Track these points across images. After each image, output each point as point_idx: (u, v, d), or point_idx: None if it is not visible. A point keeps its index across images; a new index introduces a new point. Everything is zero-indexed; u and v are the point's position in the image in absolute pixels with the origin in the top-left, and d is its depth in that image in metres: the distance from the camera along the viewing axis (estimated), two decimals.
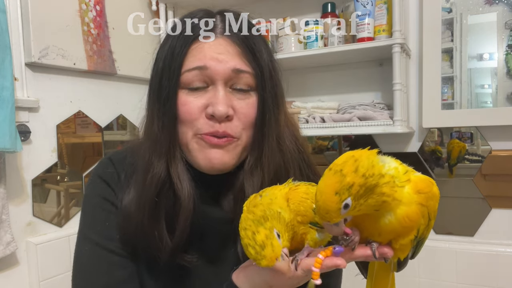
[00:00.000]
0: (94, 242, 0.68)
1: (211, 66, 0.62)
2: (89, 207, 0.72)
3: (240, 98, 0.65)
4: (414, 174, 0.49)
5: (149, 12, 1.72)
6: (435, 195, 0.49)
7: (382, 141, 1.57)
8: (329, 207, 0.44)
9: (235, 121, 0.64)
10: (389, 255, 0.49)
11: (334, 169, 0.44)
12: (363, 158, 0.44)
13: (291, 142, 0.71)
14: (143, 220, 0.65)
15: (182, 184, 0.65)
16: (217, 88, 0.63)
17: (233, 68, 0.63)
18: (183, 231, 0.65)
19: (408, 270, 1.51)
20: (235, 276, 0.59)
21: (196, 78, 0.63)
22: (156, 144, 0.66)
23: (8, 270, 1.20)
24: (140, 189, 0.66)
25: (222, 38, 0.65)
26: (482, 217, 1.42)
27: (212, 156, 0.64)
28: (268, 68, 0.67)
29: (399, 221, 0.47)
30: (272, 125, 0.66)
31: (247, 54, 0.65)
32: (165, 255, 0.65)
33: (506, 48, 1.37)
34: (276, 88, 0.68)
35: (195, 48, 0.64)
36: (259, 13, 1.72)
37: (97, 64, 1.47)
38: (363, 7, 1.39)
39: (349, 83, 1.64)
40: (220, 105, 0.62)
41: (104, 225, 0.69)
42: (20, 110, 1.22)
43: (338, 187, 0.43)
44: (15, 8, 1.22)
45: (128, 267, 0.69)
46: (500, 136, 1.38)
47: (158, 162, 0.65)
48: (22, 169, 1.25)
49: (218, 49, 0.63)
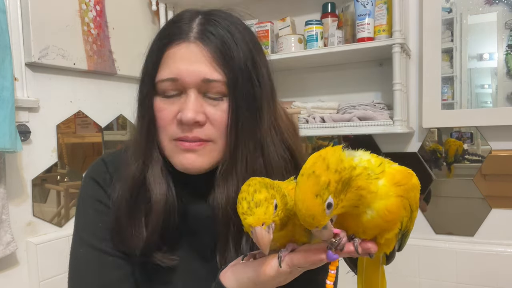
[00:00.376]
0: (88, 244, 0.69)
1: (181, 77, 0.63)
2: (82, 209, 0.73)
3: (212, 104, 0.65)
4: (390, 166, 0.49)
5: (149, 12, 1.72)
6: (415, 186, 0.49)
7: (382, 141, 1.57)
8: (314, 211, 0.43)
9: (208, 127, 0.65)
10: (372, 250, 0.48)
11: (306, 173, 0.44)
12: (330, 155, 0.44)
13: (277, 147, 0.69)
14: (121, 217, 0.67)
15: (155, 186, 0.67)
16: (189, 95, 0.64)
17: (203, 78, 0.63)
18: (153, 231, 0.66)
19: (408, 270, 1.52)
20: (222, 275, 0.59)
21: (170, 88, 0.65)
22: (135, 146, 0.70)
23: (8, 270, 1.20)
24: (120, 187, 0.69)
25: (195, 43, 0.63)
26: (482, 217, 1.42)
27: (184, 160, 0.65)
28: (245, 72, 0.65)
29: (380, 215, 0.46)
30: (247, 131, 0.65)
31: (219, 61, 0.63)
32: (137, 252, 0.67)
33: (506, 48, 1.37)
34: (257, 92, 0.66)
35: (168, 55, 0.65)
36: (259, 13, 1.72)
37: (97, 64, 1.47)
38: (363, 7, 1.39)
39: (349, 83, 1.64)
40: (187, 111, 0.62)
41: (97, 226, 0.70)
42: (20, 110, 1.22)
43: (317, 189, 0.42)
44: (15, 8, 1.22)
45: (123, 267, 0.69)
46: (500, 136, 1.38)
47: (135, 163, 0.68)
48: (22, 169, 1.25)
49: (189, 57, 0.63)
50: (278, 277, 0.53)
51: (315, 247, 0.50)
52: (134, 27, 1.64)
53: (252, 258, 0.58)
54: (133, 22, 1.63)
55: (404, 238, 0.54)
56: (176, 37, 0.65)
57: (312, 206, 0.43)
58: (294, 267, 0.51)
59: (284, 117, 0.75)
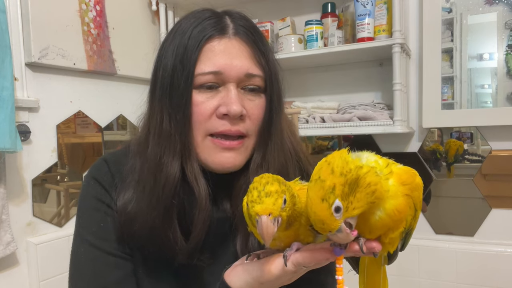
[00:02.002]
0: (89, 243, 0.69)
1: (225, 71, 0.63)
2: (84, 209, 0.72)
3: (250, 99, 0.66)
4: (395, 166, 0.49)
5: (149, 12, 1.72)
6: (418, 185, 0.50)
7: (382, 141, 1.57)
8: (322, 216, 0.43)
9: (248, 122, 0.65)
10: (377, 249, 0.48)
11: (313, 179, 0.45)
12: (336, 158, 0.45)
13: (290, 142, 0.72)
14: (155, 222, 0.64)
15: (199, 184, 0.65)
16: (229, 88, 0.64)
17: (246, 73, 0.64)
18: (201, 231, 0.65)
19: (408, 270, 1.52)
20: (227, 275, 0.59)
21: (209, 80, 0.64)
22: (169, 142, 0.64)
23: (8, 270, 1.20)
24: (149, 189, 0.65)
25: (235, 39, 0.65)
26: (482, 217, 1.42)
27: (224, 160, 0.65)
28: (275, 69, 0.69)
29: (389, 215, 0.47)
30: (277, 125, 0.68)
31: (258, 57, 0.66)
32: (183, 256, 0.65)
33: (506, 48, 1.37)
34: (280, 89, 0.70)
35: (208, 49, 0.64)
36: (259, 13, 1.72)
37: (97, 64, 1.47)
38: (363, 7, 1.39)
39: (349, 83, 1.64)
40: (234, 105, 0.62)
41: (99, 226, 0.69)
42: (20, 110, 1.22)
43: (322, 193, 0.43)
44: (15, 8, 1.22)
45: (124, 267, 0.69)
46: (500, 136, 1.38)
47: (172, 161, 0.64)
48: (22, 169, 1.25)
49: (231, 51, 0.64)
50: (283, 276, 0.53)
51: (320, 246, 0.50)
52: (134, 27, 1.64)
53: (256, 257, 0.57)
54: (133, 22, 1.63)
55: (408, 237, 0.54)
56: (215, 32, 0.65)
57: (320, 211, 0.43)
58: (300, 266, 0.51)
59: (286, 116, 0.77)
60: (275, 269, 0.52)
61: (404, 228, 0.50)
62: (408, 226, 0.51)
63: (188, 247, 0.65)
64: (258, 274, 0.54)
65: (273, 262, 0.53)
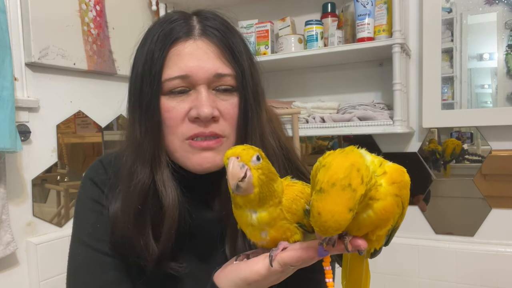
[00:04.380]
0: (86, 244, 0.69)
1: (192, 74, 0.62)
2: (80, 210, 0.72)
3: (223, 99, 0.65)
4: (387, 165, 0.49)
5: (149, 12, 1.72)
6: (407, 183, 0.49)
7: (382, 141, 1.57)
8: (341, 225, 0.42)
9: (222, 122, 0.64)
10: (362, 247, 0.48)
11: (340, 184, 0.41)
12: (362, 165, 0.43)
13: (273, 139, 0.70)
14: (129, 228, 0.64)
15: (167, 191, 0.64)
16: (200, 91, 0.63)
17: (215, 73, 0.63)
18: (168, 239, 0.64)
19: (408, 270, 1.52)
20: (216, 276, 0.59)
21: (178, 85, 0.63)
22: (139, 151, 0.65)
23: (8, 270, 1.20)
24: (124, 196, 0.65)
25: (201, 40, 0.64)
26: (482, 217, 1.42)
27: (203, 160, 0.64)
28: (248, 67, 0.66)
29: (377, 214, 0.47)
30: (254, 123, 0.66)
31: (227, 55, 0.64)
32: (151, 264, 0.64)
33: (506, 48, 1.37)
34: (257, 86, 0.68)
35: (174, 53, 0.63)
36: (259, 13, 1.72)
37: (97, 64, 1.47)
38: (363, 7, 1.39)
39: (349, 83, 1.64)
40: (204, 107, 0.61)
41: (96, 227, 0.69)
42: (20, 110, 1.22)
43: (352, 204, 0.41)
44: (15, 8, 1.22)
45: (121, 268, 0.69)
46: (500, 136, 1.38)
47: (141, 169, 0.64)
48: (22, 169, 1.25)
49: (197, 53, 0.63)
50: (270, 276, 0.53)
51: (305, 245, 0.50)
52: (134, 27, 1.63)
53: (245, 258, 0.57)
54: (133, 22, 1.63)
55: (393, 233, 0.55)
56: (180, 35, 0.64)
57: (343, 220, 0.42)
58: (286, 266, 0.51)
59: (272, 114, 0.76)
60: (261, 269, 0.52)
61: (391, 226, 0.50)
62: (395, 223, 0.51)
63: (157, 255, 0.64)
64: (245, 275, 0.54)
65: (260, 263, 0.53)
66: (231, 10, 0.72)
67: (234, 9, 0.73)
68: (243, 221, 0.53)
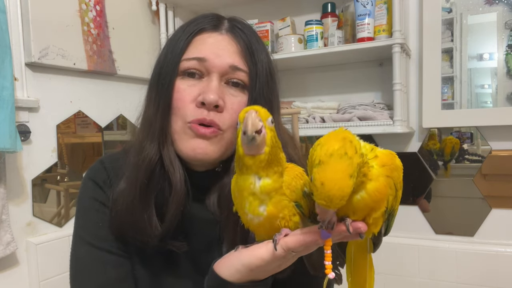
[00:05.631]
0: (88, 243, 0.69)
1: (210, 58, 0.65)
2: (82, 209, 0.73)
3: (232, 93, 0.67)
4: (378, 150, 0.51)
5: (149, 12, 1.72)
6: (398, 166, 0.52)
7: (382, 141, 1.57)
8: (346, 193, 0.43)
9: (225, 114, 0.65)
10: (363, 229, 0.49)
11: (337, 153, 0.43)
12: (354, 139, 0.46)
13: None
14: (134, 202, 0.65)
15: (174, 167, 0.66)
16: (212, 79, 0.65)
17: (231, 65, 0.65)
18: (174, 215, 0.65)
19: (408, 270, 1.51)
20: (216, 265, 0.58)
21: (193, 67, 0.66)
22: (150, 127, 0.67)
23: (8, 270, 1.20)
24: (131, 170, 0.67)
25: (226, 35, 0.68)
26: (482, 217, 1.42)
27: (196, 145, 0.65)
28: (265, 72, 0.68)
29: (370, 195, 0.47)
30: None
31: (246, 54, 0.67)
32: (154, 240, 0.65)
33: (506, 48, 1.37)
34: (271, 95, 0.69)
35: (198, 39, 0.67)
36: (259, 13, 1.72)
37: (97, 64, 1.47)
38: (363, 7, 1.39)
39: (349, 83, 1.64)
40: (211, 93, 0.63)
41: (97, 226, 0.70)
42: (20, 110, 1.22)
43: (351, 170, 0.43)
44: (15, 8, 1.22)
45: (124, 265, 0.70)
46: (500, 136, 1.38)
47: (150, 144, 0.66)
48: (22, 169, 1.25)
49: (219, 44, 0.66)
50: (273, 262, 0.52)
51: (307, 230, 0.50)
52: (134, 27, 1.64)
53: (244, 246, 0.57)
54: (133, 22, 1.63)
55: (390, 219, 0.55)
56: (208, 27, 0.68)
57: (346, 187, 0.42)
58: (289, 250, 0.51)
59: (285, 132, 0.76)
60: (264, 254, 0.52)
61: (386, 208, 0.51)
62: (390, 207, 0.52)
63: (161, 231, 0.65)
64: (248, 261, 0.54)
65: (263, 247, 0.53)
66: (231, 10, 0.73)
67: (234, 9, 0.74)
68: (246, 188, 0.52)
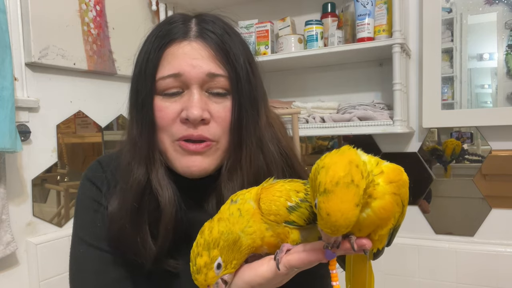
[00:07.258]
0: (87, 243, 0.69)
1: (185, 72, 0.62)
2: (80, 209, 0.73)
3: (216, 101, 0.64)
4: (383, 164, 0.49)
5: (149, 12, 1.72)
6: (405, 182, 0.50)
7: (382, 141, 1.57)
8: (351, 222, 0.43)
9: (213, 125, 0.64)
10: (367, 246, 0.48)
11: (343, 181, 0.42)
12: (360, 161, 0.44)
13: (274, 145, 0.69)
14: (126, 226, 0.64)
15: (162, 190, 0.65)
16: (192, 92, 0.63)
17: (208, 73, 0.63)
18: (165, 237, 0.64)
19: (408, 270, 1.51)
20: None
21: (171, 85, 0.63)
22: (136, 149, 0.66)
23: (8, 270, 1.20)
24: (121, 194, 0.66)
25: (196, 41, 0.64)
26: (482, 217, 1.42)
27: (190, 163, 0.64)
28: (245, 71, 0.66)
29: (376, 213, 0.47)
30: (250, 129, 0.66)
31: (222, 57, 0.64)
32: (149, 261, 0.65)
33: (506, 48, 1.37)
34: (255, 91, 0.67)
35: (169, 53, 0.64)
36: (259, 13, 1.72)
37: (97, 64, 1.47)
38: (363, 7, 1.39)
39: (349, 83, 1.64)
40: (194, 108, 0.61)
41: (96, 226, 0.69)
42: (20, 110, 1.22)
43: (357, 199, 0.42)
44: (15, 8, 1.22)
45: (123, 265, 0.69)
46: (500, 136, 1.38)
47: (138, 167, 0.65)
48: (22, 169, 1.25)
49: (192, 53, 0.63)
50: (275, 279, 0.52)
51: (310, 247, 0.50)
52: (134, 27, 1.63)
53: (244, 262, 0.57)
54: (133, 22, 1.63)
55: (394, 232, 0.55)
56: (176, 36, 0.65)
57: (352, 216, 0.42)
58: (292, 268, 0.50)
59: (275, 118, 0.75)
60: (267, 272, 0.52)
61: (392, 225, 0.50)
62: (396, 223, 0.51)
63: (155, 252, 0.64)
64: (249, 278, 0.53)
65: (264, 265, 0.53)
66: (231, 10, 0.72)
67: (234, 9, 0.73)
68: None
